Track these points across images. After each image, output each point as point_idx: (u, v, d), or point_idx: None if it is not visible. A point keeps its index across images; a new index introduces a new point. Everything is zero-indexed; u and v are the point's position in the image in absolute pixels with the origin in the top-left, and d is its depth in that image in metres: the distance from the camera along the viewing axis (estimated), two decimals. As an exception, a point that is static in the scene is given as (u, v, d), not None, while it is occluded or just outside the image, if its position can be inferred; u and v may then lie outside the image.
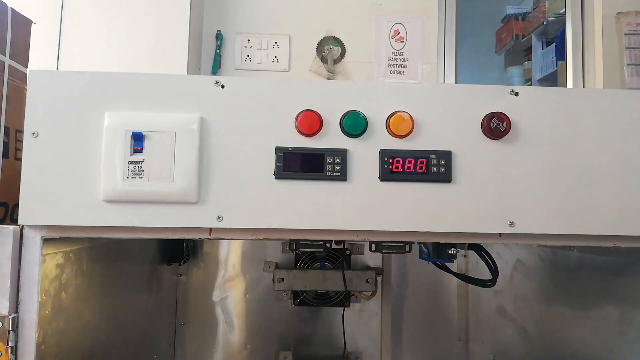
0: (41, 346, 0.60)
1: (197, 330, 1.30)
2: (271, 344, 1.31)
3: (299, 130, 0.62)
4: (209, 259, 1.32)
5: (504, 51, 3.35)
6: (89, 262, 0.77)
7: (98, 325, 0.83)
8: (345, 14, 2.30)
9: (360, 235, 0.64)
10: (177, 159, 0.60)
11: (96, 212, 0.60)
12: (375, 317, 1.34)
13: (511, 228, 0.64)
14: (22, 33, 0.90)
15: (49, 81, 0.60)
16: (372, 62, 2.30)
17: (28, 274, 0.59)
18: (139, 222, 0.61)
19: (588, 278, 0.93)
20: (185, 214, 0.61)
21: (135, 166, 0.60)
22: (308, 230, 0.63)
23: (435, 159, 0.63)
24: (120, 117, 0.60)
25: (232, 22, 2.26)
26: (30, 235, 0.60)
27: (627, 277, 0.84)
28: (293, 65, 2.27)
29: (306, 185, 0.62)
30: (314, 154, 0.62)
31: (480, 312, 1.31)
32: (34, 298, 0.59)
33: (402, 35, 2.33)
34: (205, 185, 0.61)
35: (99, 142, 0.60)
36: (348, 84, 0.64)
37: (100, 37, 1.89)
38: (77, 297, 0.74)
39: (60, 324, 0.68)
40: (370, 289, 1.20)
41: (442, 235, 0.65)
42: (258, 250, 1.31)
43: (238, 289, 1.31)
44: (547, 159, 0.64)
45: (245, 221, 0.62)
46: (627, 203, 0.65)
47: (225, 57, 2.24)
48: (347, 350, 1.30)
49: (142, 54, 1.88)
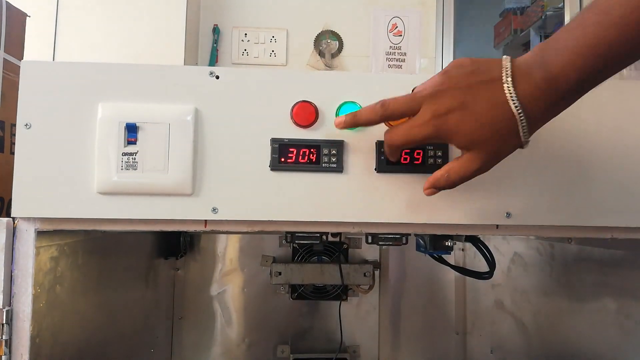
0: (36, 339, 0.60)
1: (195, 325, 1.30)
2: (269, 337, 1.31)
3: (295, 121, 0.62)
4: (206, 253, 1.32)
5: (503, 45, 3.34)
6: (84, 256, 0.77)
7: (94, 318, 0.83)
8: (342, 8, 2.30)
9: (357, 227, 0.64)
10: (172, 150, 0.60)
11: (90, 204, 0.59)
12: (373, 311, 1.34)
13: (508, 219, 0.63)
14: (16, 26, 0.89)
15: (42, 72, 0.60)
16: (370, 56, 2.30)
17: (22, 266, 0.59)
18: (133, 215, 0.60)
19: (586, 271, 0.93)
20: (180, 206, 0.60)
21: (129, 158, 0.59)
22: (304, 222, 0.63)
23: (432, 150, 0.62)
24: (114, 108, 0.60)
25: (229, 16, 2.25)
26: (23, 228, 0.59)
27: (624, 269, 0.84)
28: (290, 60, 2.26)
29: (302, 177, 0.62)
30: (309, 146, 0.62)
31: (478, 305, 1.32)
32: (28, 291, 0.59)
33: (400, 29, 2.32)
34: (200, 177, 0.61)
35: (93, 133, 0.59)
36: (344, 75, 0.64)
37: (96, 31, 1.88)
38: (73, 291, 0.74)
39: (56, 318, 0.68)
40: (367, 283, 1.20)
41: (439, 227, 0.65)
42: (255, 244, 1.31)
43: (235, 283, 1.31)
44: (545, 150, 0.64)
45: (240, 213, 0.61)
46: (624, 194, 0.64)
47: (222, 51, 2.24)
48: (345, 343, 1.30)
49: (138, 48, 1.87)
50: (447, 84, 0.52)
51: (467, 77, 0.52)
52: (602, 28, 0.45)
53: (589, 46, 0.46)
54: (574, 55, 0.47)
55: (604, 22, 0.45)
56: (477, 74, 0.51)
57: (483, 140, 0.51)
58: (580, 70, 0.47)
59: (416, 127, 0.53)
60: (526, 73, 0.49)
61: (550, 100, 0.49)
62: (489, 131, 0.51)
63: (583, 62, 0.47)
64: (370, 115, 0.56)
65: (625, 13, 0.44)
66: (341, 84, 0.63)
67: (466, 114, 0.51)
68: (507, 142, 0.52)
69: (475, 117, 0.50)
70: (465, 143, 0.52)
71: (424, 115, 0.53)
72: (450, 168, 0.54)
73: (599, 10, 0.46)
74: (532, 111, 0.50)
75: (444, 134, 0.53)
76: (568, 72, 0.47)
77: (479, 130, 0.51)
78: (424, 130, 0.53)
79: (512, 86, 0.49)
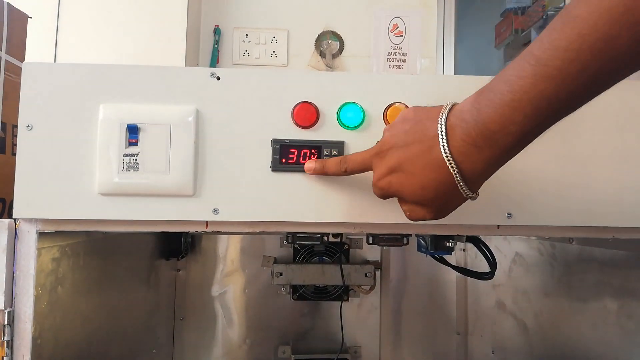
0: (37, 340, 0.60)
1: (196, 325, 1.30)
2: (270, 338, 1.31)
3: (296, 122, 0.62)
4: (208, 254, 1.32)
5: (504, 45, 3.34)
6: (85, 257, 0.77)
7: (96, 319, 0.83)
8: (343, 8, 2.30)
9: (358, 227, 0.64)
10: (173, 151, 0.60)
11: (92, 205, 0.59)
12: (374, 311, 1.34)
13: (509, 220, 0.63)
14: (18, 28, 0.89)
15: (43, 74, 0.60)
16: (371, 57, 2.30)
17: (23, 267, 0.59)
18: (134, 216, 0.60)
19: (587, 271, 0.93)
20: (181, 207, 0.60)
21: (130, 159, 0.59)
22: (305, 223, 0.63)
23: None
24: (115, 109, 0.60)
25: (230, 16, 2.25)
26: (25, 229, 0.60)
27: (626, 269, 0.84)
28: (291, 60, 2.26)
29: (303, 178, 0.62)
30: (310, 146, 0.62)
31: (479, 305, 1.31)
32: (29, 292, 0.59)
33: (401, 30, 2.32)
34: (201, 178, 0.61)
35: (94, 134, 0.60)
36: (345, 76, 0.64)
37: (97, 32, 1.88)
38: (74, 292, 0.74)
39: (57, 319, 0.68)
40: (369, 283, 1.20)
41: (440, 227, 0.65)
42: (256, 245, 1.31)
43: (237, 284, 1.31)
44: (545, 150, 0.64)
45: (241, 214, 0.61)
46: (625, 194, 0.64)
47: (223, 52, 2.24)
48: (346, 344, 1.30)
49: (139, 49, 1.87)
50: (389, 142, 0.52)
51: (406, 135, 0.51)
52: (540, 80, 0.42)
53: (528, 100, 0.43)
54: (512, 110, 0.43)
55: (541, 74, 0.42)
56: (415, 132, 0.50)
57: (428, 199, 0.51)
58: (521, 125, 0.44)
59: (373, 186, 0.55)
60: (462, 129, 0.47)
61: (490, 156, 0.47)
62: (431, 192, 0.50)
63: (523, 117, 0.43)
64: (335, 170, 0.59)
65: (563, 65, 0.40)
66: (342, 84, 0.63)
67: (406, 176, 0.50)
68: (452, 199, 0.51)
69: (415, 179, 0.50)
70: (413, 201, 0.52)
71: (374, 176, 0.54)
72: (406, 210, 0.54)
73: (535, 60, 0.42)
74: (470, 169, 0.48)
75: (392, 194, 0.53)
76: (508, 128, 0.44)
77: (421, 191, 0.50)
78: (376, 191, 0.55)
79: (447, 144, 0.47)
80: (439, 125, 0.48)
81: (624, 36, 0.38)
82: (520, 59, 0.44)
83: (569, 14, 0.41)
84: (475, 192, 0.50)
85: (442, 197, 0.50)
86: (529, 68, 0.42)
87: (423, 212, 0.52)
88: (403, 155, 0.50)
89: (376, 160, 0.53)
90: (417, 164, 0.49)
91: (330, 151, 0.62)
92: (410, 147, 0.50)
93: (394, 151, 0.51)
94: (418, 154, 0.49)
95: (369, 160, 0.55)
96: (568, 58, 0.40)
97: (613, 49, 0.39)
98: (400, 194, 0.52)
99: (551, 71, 0.41)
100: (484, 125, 0.45)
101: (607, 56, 0.40)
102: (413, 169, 0.50)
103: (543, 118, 0.44)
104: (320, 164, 0.60)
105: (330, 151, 0.62)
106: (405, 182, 0.51)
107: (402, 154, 0.50)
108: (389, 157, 0.52)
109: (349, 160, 0.57)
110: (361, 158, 0.56)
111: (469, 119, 0.46)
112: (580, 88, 0.42)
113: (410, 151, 0.50)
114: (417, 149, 0.49)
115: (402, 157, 0.50)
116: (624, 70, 0.42)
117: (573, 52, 0.40)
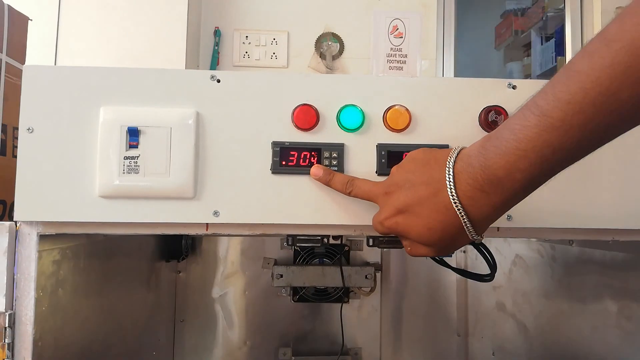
0: (38, 343, 0.60)
1: (197, 327, 1.30)
2: (270, 340, 1.31)
3: (296, 124, 0.62)
4: (208, 256, 1.32)
5: (503, 47, 3.34)
6: (86, 259, 0.77)
7: (96, 321, 0.83)
8: (343, 10, 2.30)
9: (358, 230, 0.64)
10: (173, 154, 0.60)
11: (92, 207, 0.60)
12: (374, 313, 1.34)
13: (509, 222, 0.63)
14: (18, 30, 0.89)
15: (44, 76, 0.60)
16: (371, 58, 2.30)
17: (24, 270, 0.59)
18: (135, 218, 0.60)
19: (587, 273, 0.93)
20: (182, 209, 0.61)
21: (131, 161, 0.59)
22: (305, 225, 0.63)
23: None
24: (115, 112, 0.60)
25: (231, 18, 2.25)
26: (26, 232, 0.60)
27: (626, 271, 0.84)
28: (291, 62, 2.27)
29: (303, 180, 0.62)
30: (310, 149, 0.62)
31: (480, 307, 1.31)
32: (30, 294, 0.59)
33: (401, 31, 2.32)
34: (202, 181, 0.61)
35: (95, 137, 0.60)
36: (345, 78, 0.64)
37: (98, 34, 1.89)
38: (75, 294, 0.74)
39: (58, 321, 0.68)
40: (369, 285, 1.20)
41: (440, 229, 0.64)
42: (257, 247, 1.31)
43: (237, 286, 1.31)
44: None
45: (242, 216, 0.61)
46: (626, 196, 0.64)
47: (224, 53, 2.24)
48: (346, 346, 1.30)
49: (140, 51, 1.88)
50: (397, 183, 0.53)
51: (414, 176, 0.52)
52: (544, 131, 0.43)
53: (533, 149, 0.44)
54: (518, 158, 0.45)
55: (545, 124, 0.43)
56: (422, 174, 0.51)
57: (433, 240, 0.52)
58: (526, 172, 0.45)
59: (377, 223, 0.56)
60: (469, 174, 0.48)
61: (496, 202, 0.48)
62: (437, 233, 0.51)
63: (528, 165, 0.45)
64: (339, 189, 0.59)
65: (566, 117, 0.41)
66: (342, 86, 0.63)
67: (413, 217, 0.51)
68: (458, 241, 0.52)
69: (422, 221, 0.51)
70: (418, 242, 0.53)
71: (380, 214, 0.55)
72: (407, 245, 0.56)
73: (539, 111, 0.43)
74: (477, 213, 0.49)
75: (398, 234, 0.54)
76: (513, 175, 0.46)
77: (427, 232, 0.51)
78: (380, 229, 0.56)
79: (454, 188, 0.48)
80: (446, 169, 0.49)
81: (626, 91, 0.39)
82: (525, 108, 0.45)
83: (572, 68, 0.42)
84: (480, 235, 0.52)
85: (448, 238, 0.51)
86: (533, 118, 0.43)
87: (425, 251, 0.54)
88: (411, 197, 0.51)
89: (383, 198, 0.54)
90: (424, 207, 0.51)
91: (330, 153, 0.62)
92: (417, 189, 0.51)
93: (402, 192, 0.52)
94: (426, 197, 0.50)
95: (375, 196, 0.56)
96: (571, 110, 0.41)
97: (615, 104, 0.40)
98: (407, 234, 0.53)
99: (554, 122, 0.42)
100: (491, 171, 0.46)
101: (609, 110, 0.40)
102: (420, 210, 0.51)
103: (548, 166, 0.45)
104: (326, 177, 0.60)
105: (330, 153, 0.62)
106: (412, 224, 0.52)
107: (409, 196, 0.51)
108: (396, 198, 0.53)
109: (355, 185, 0.58)
110: (368, 189, 0.57)
111: (476, 164, 0.48)
112: (583, 139, 0.43)
113: (418, 193, 0.51)
114: (424, 191, 0.50)
115: (409, 199, 0.51)
116: (627, 124, 0.43)
117: (576, 104, 0.41)
